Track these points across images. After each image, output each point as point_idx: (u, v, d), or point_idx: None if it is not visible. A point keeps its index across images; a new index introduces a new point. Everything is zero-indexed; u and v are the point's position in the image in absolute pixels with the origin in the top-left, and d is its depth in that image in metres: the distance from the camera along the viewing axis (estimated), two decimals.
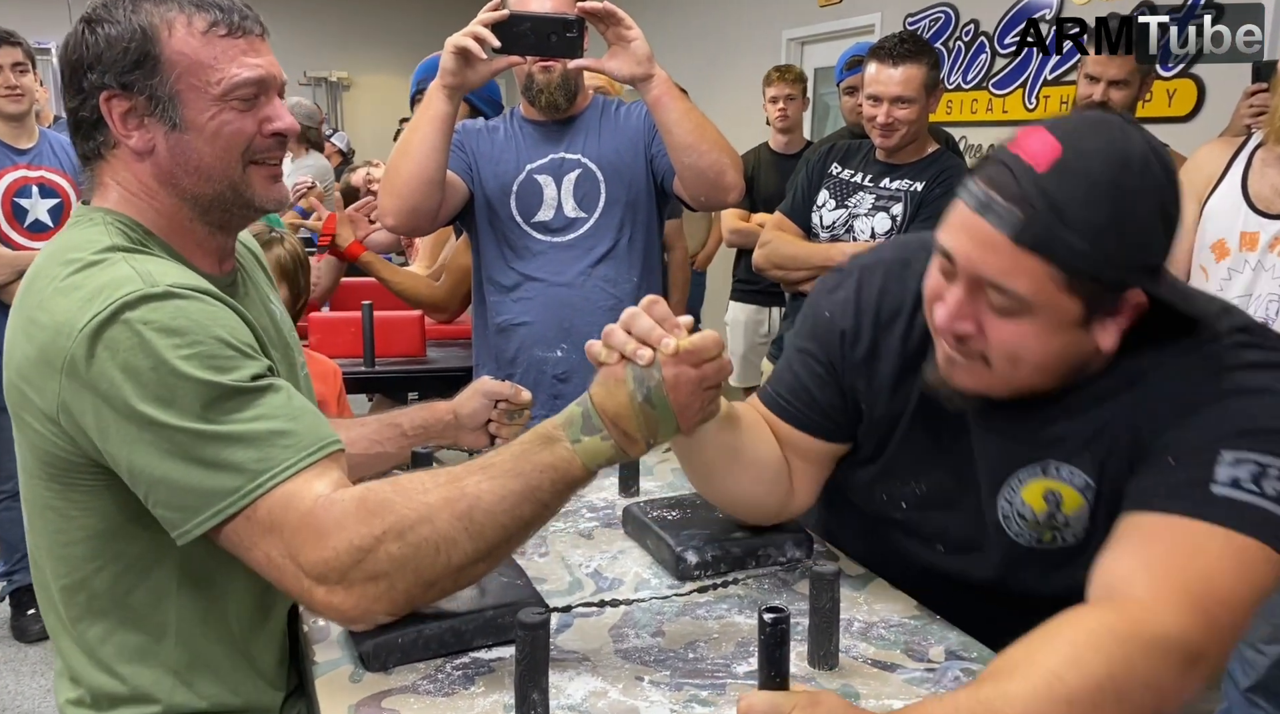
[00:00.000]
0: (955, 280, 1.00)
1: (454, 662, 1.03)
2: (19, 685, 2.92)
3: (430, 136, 1.93)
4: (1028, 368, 1.01)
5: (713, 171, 1.95)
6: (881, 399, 1.20)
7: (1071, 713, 0.81)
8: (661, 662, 1.05)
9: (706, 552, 1.24)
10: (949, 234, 1.00)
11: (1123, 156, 0.93)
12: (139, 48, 1.02)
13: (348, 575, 0.95)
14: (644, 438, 1.02)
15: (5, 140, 2.96)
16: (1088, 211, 0.91)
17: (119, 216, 1.07)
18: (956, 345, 1.02)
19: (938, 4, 5.15)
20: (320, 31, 10.16)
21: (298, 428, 0.98)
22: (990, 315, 0.98)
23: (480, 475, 0.99)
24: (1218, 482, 0.93)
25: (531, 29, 1.82)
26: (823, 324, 1.24)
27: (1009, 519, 1.12)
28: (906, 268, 1.19)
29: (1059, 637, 0.86)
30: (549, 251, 2.11)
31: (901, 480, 1.22)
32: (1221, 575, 0.90)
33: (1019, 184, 0.93)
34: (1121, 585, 0.91)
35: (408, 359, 2.80)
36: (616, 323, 1.03)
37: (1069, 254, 0.92)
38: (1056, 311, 0.96)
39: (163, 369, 0.93)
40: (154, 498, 0.97)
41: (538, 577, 1.22)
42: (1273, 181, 1.93)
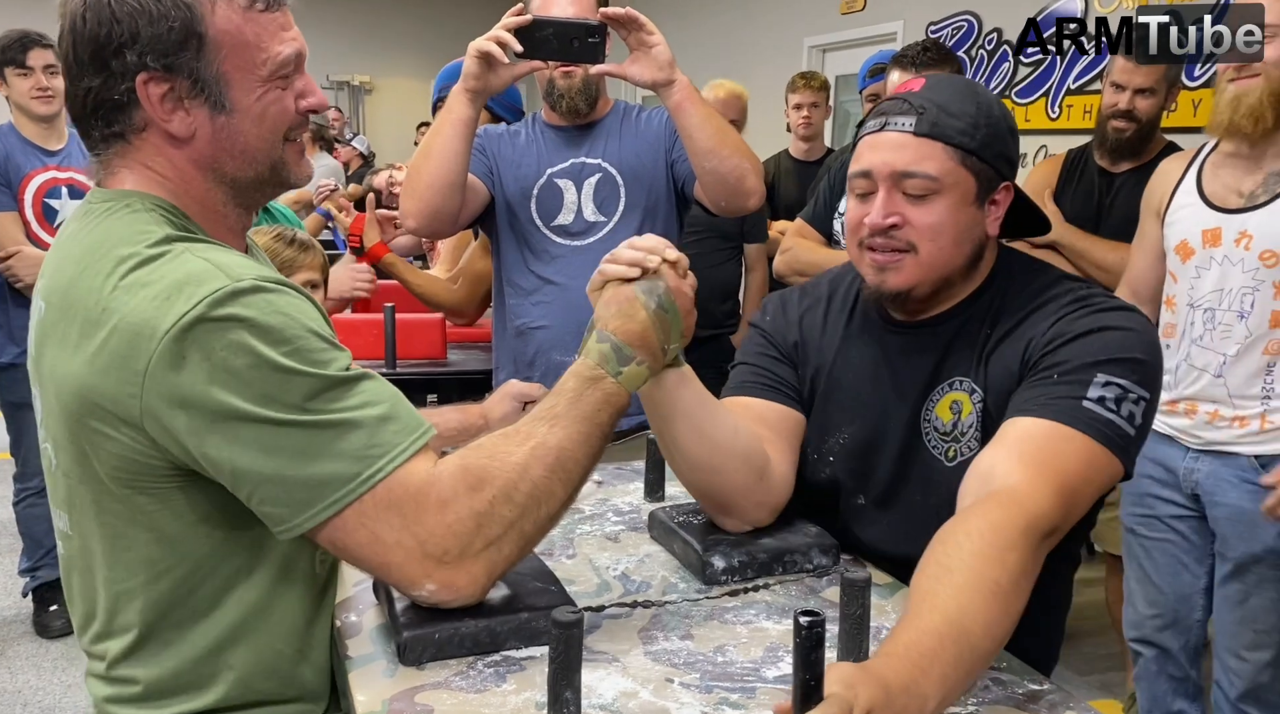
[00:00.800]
0: (874, 193, 1.23)
1: (485, 659, 1.04)
2: (40, 681, 2.95)
3: (452, 140, 1.95)
4: (947, 243, 1.22)
5: (733, 176, 1.96)
6: (812, 363, 1.40)
7: (1007, 610, 0.96)
8: (691, 664, 1.06)
9: (733, 557, 1.25)
10: (860, 160, 1.25)
11: (972, 82, 1.29)
12: (184, 25, 0.95)
13: (470, 545, 0.97)
14: (662, 345, 1.13)
15: (36, 142, 3.00)
16: (961, 105, 1.22)
17: (156, 200, 1.01)
18: (886, 240, 1.23)
19: (960, 12, 5.15)
20: (343, 35, 10.23)
21: (401, 412, 0.98)
22: (909, 206, 1.22)
23: (549, 426, 1.04)
24: (1088, 398, 1.13)
25: (554, 34, 1.83)
26: (763, 331, 1.46)
27: (929, 435, 1.29)
28: (818, 282, 1.49)
29: (980, 539, 0.99)
30: (568, 255, 2.12)
31: (827, 432, 1.37)
32: (1077, 471, 1.09)
33: (906, 101, 1.23)
34: (1001, 476, 1.07)
35: (428, 361, 2.82)
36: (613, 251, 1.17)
37: (957, 134, 1.20)
38: (958, 186, 1.21)
39: (264, 367, 0.90)
40: (260, 495, 0.94)
41: (566, 578, 1.23)
42: (1224, 179, 1.98)
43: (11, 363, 3.03)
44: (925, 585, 0.96)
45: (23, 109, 2.98)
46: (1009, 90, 4.79)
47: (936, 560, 0.98)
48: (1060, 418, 1.12)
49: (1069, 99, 4.46)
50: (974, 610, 0.92)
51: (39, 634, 3.19)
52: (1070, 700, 1.02)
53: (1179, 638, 2.16)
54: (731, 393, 1.41)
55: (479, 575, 1.00)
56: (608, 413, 1.07)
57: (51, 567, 3.21)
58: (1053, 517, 1.05)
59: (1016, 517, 1.01)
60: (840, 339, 1.38)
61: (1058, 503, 1.06)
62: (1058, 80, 4.53)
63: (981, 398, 1.24)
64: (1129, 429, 1.13)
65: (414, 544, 0.96)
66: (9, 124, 3.01)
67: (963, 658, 0.89)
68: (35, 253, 2.95)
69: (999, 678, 1.06)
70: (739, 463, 1.27)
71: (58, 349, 0.96)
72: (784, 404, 1.39)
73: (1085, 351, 1.16)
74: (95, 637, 1.06)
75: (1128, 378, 1.14)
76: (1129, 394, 1.13)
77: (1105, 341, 1.16)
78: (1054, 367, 1.17)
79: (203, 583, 1.01)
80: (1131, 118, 2.57)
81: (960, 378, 1.27)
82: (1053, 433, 1.11)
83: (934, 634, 0.89)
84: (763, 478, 1.30)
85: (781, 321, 1.45)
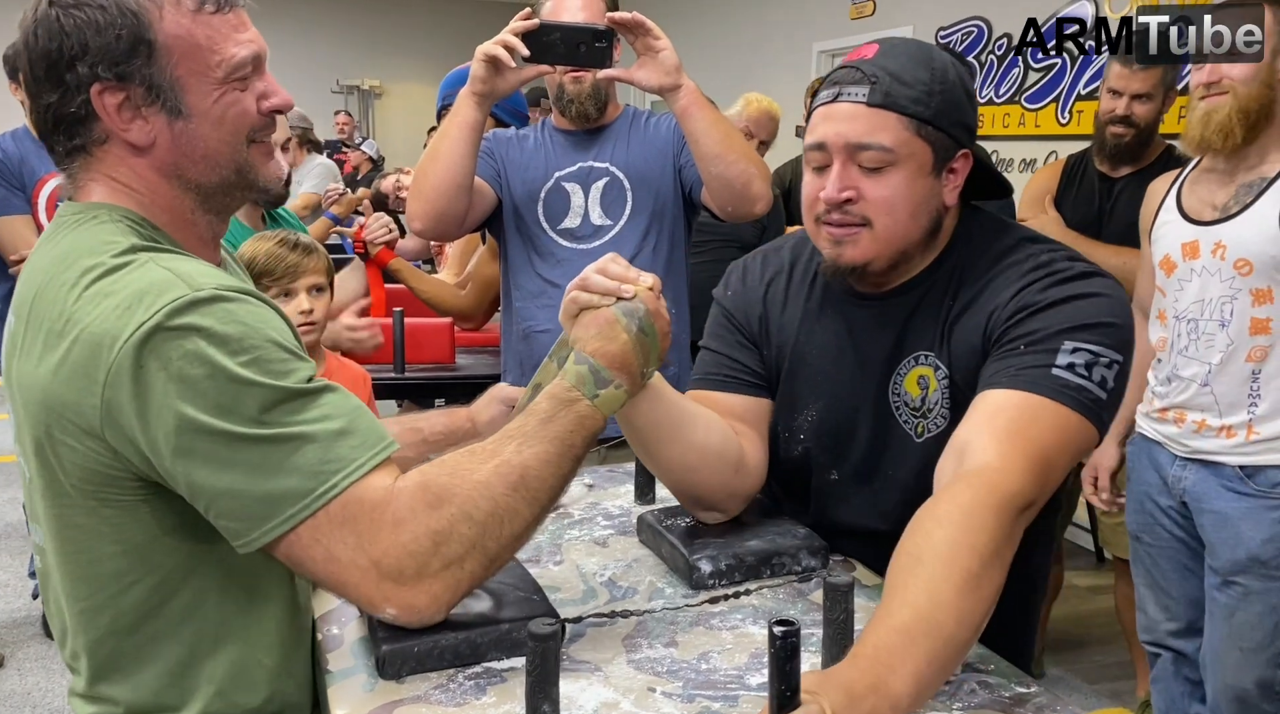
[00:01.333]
0: (829, 166, 1.20)
1: (466, 671, 1.03)
2: (49, 683, 2.97)
3: (459, 142, 1.95)
4: (903, 216, 1.20)
5: (739, 182, 1.96)
6: (775, 341, 1.38)
7: (980, 594, 0.93)
8: (674, 673, 1.05)
9: (721, 560, 1.24)
10: (814, 132, 1.21)
11: (925, 44, 1.24)
12: (131, 33, 0.94)
13: (427, 565, 0.95)
14: (641, 368, 1.11)
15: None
16: (915, 73, 1.18)
17: (124, 212, 1.00)
18: (842, 215, 1.20)
19: (970, 17, 5.12)
20: (352, 40, 10.28)
21: (360, 426, 0.95)
22: (864, 179, 1.19)
23: (517, 445, 1.01)
24: (1057, 366, 1.11)
25: (561, 39, 1.84)
26: (726, 310, 1.43)
27: (900, 410, 1.27)
28: (780, 248, 1.45)
29: (950, 525, 0.97)
30: (574, 258, 2.12)
31: (796, 410, 1.36)
32: (1052, 441, 1.08)
33: (859, 70, 1.19)
34: (975, 452, 1.06)
35: (437, 366, 2.82)
36: (584, 272, 1.16)
37: (911, 103, 1.17)
38: (914, 157, 1.18)
39: (220, 377, 0.89)
40: (216, 510, 0.92)
41: (551, 585, 1.22)
42: (1200, 194, 2.01)
43: None
44: (897, 578, 0.95)
45: None
46: (1019, 95, 4.76)
47: (907, 550, 0.97)
48: (1030, 387, 1.10)
49: (1079, 104, 4.43)
50: (946, 601, 0.90)
51: (47, 635, 3.21)
52: (1058, 703, 1.00)
53: (1193, 641, 2.14)
54: (698, 385, 1.41)
55: (439, 594, 0.97)
56: (580, 436, 1.05)
57: None
58: (1028, 491, 1.03)
59: (988, 496, 1.00)
60: (802, 313, 1.36)
61: (1032, 476, 1.04)
62: (1068, 85, 4.49)
63: (946, 374, 1.23)
64: (1100, 393, 1.11)
65: (368, 563, 0.93)
66: (24, 128, 3.02)
67: (936, 651, 0.87)
68: None
69: (985, 680, 1.04)
70: (714, 460, 1.28)
71: (24, 360, 0.96)
72: (751, 395, 1.38)
73: (1052, 321, 1.14)
74: (72, 653, 1.05)
75: (1097, 343, 1.12)
76: (1100, 358, 1.12)
77: (1072, 310, 1.14)
78: (1020, 337, 1.15)
79: (174, 595, 0.99)
80: (1129, 123, 2.60)
81: (924, 352, 1.25)
82: (1024, 403, 1.09)
83: (903, 632, 0.87)
84: (738, 471, 1.30)
85: (743, 297, 1.42)
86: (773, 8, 6.96)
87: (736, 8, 7.40)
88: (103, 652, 1.01)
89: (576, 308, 1.14)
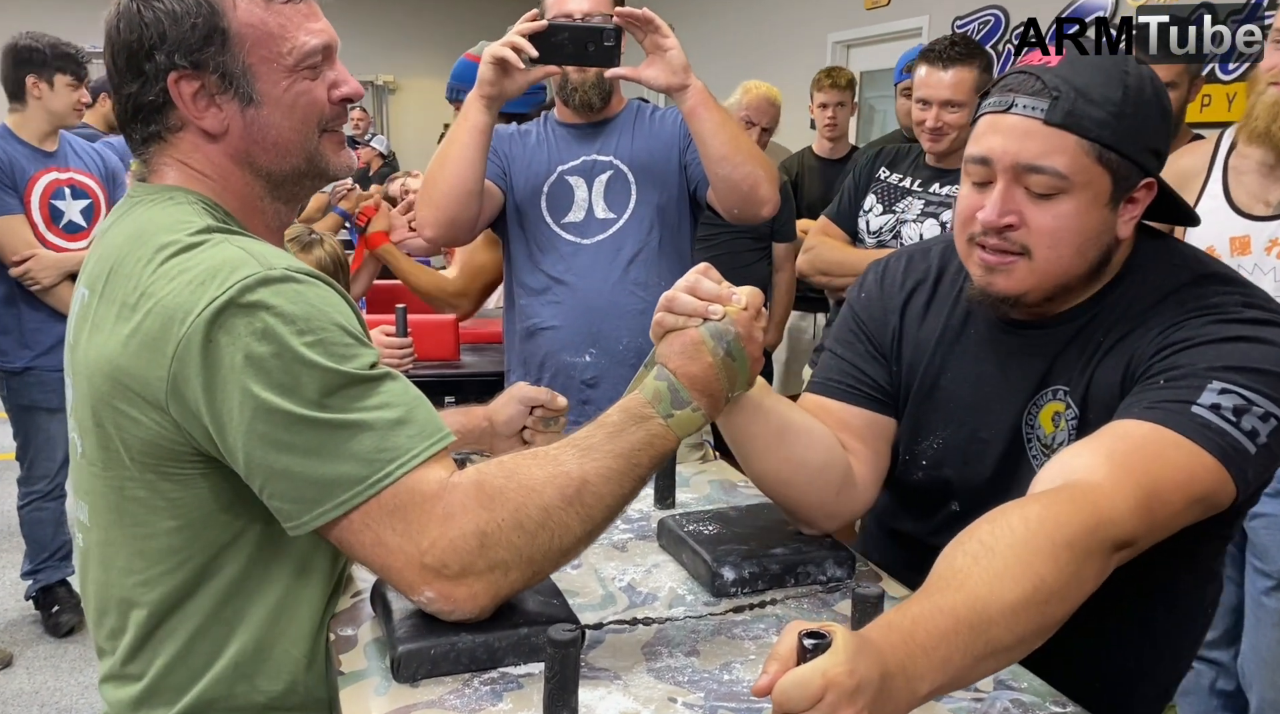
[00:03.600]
0: (992, 183, 1.09)
1: (482, 676, 1.00)
2: (58, 682, 2.95)
3: (468, 147, 1.93)
4: (1068, 251, 1.08)
5: (746, 183, 1.93)
6: (908, 360, 1.28)
7: (1045, 611, 0.84)
8: (695, 683, 1.01)
9: (744, 568, 1.20)
10: (979, 143, 1.10)
11: (1121, 59, 1.09)
12: (207, 22, 0.98)
13: (471, 564, 0.94)
14: (726, 393, 1.05)
15: (37, 144, 3.02)
16: (1105, 89, 1.04)
17: (198, 195, 1.03)
18: (1000, 241, 1.09)
19: (987, 6, 5.07)
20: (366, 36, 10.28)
21: (419, 416, 0.96)
22: (1030, 205, 1.07)
23: (579, 456, 0.99)
24: (1200, 404, 0.99)
25: (569, 39, 1.83)
26: (857, 314, 1.34)
27: (1031, 443, 1.17)
28: (927, 252, 1.33)
29: (1038, 528, 0.87)
30: (578, 253, 2.09)
31: (921, 434, 1.27)
32: (1171, 480, 0.95)
33: (1039, 79, 1.06)
34: (1083, 471, 0.94)
35: (442, 362, 2.79)
36: (672, 289, 1.07)
37: (1095, 126, 1.04)
38: (1091, 186, 1.05)
39: (286, 356, 0.90)
40: (270, 490, 0.93)
41: (570, 590, 1.19)
42: (1249, 186, 1.92)
43: (26, 367, 3.04)
44: (959, 561, 0.85)
45: (55, 115, 2.99)
46: None
47: (979, 538, 0.87)
48: (1163, 421, 0.98)
49: None
50: (1005, 601, 0.82)
51: (50, 633, 3.21)
52: None
53: (1228, 650, 2.09)
54: (817, 391, 1.32)
55: (479, 594, 0.96)
56: (648, 455, 1.01)
57: (52, 570, 3.24)
58: (1129, 526, 0.92)
59: (1086, 515, 0.89)
60: (942, 331, 1.26)
61: (1139, 512, 0.92)
62: None
63: (1077, 414, 1.12)
64: (1247, 444, 0.97)
65: (415, 552, 0.94)
66: (4, 128, 3.00)
67: (975, 647, 0.79)
68: (51, 255, 2.96)
69: (1019, 699, 1.00)
70: (812, 476, 1.21)
71: (94, 332, 0.98)
72: (872, 410, 1.29)
73: (1201, 357, 1.01)
74: (111, 632, 1.06)
75: (1253, 390, 0.98)
76: (1253, 407, 0.98)
77: (1229, 350, 1.01)
78: (1162, 372, 1.03)
79: (219, 572, 1.01)
80: None
81: (1062, 387, 1.14)
82: (1151, 434, 0.97)
83: (950, 614, 0.79)
84: (840, 492, 1.23)
85: (879, 304, 1.31)
86: None
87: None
88: (149, 625, 1.03)
89: (662, 331, 1.07)
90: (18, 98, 2.98)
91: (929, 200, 2.55)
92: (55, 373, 3.00)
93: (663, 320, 1.07)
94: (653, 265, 2.09)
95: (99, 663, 1.11)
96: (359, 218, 2.87)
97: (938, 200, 2.53)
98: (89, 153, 3.16)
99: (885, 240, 2.60)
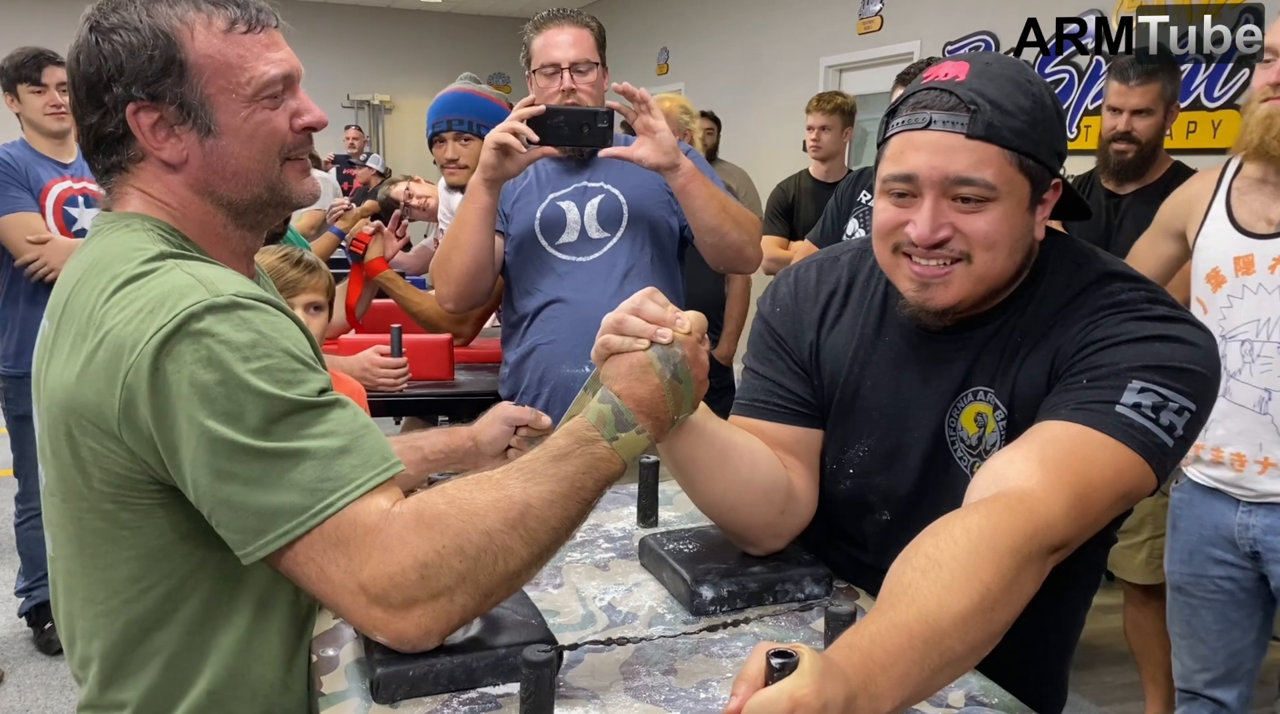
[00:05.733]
0: (919, 199, 1.11)
1: (460, 697, 1.01)
2: (49, 700, 2.95)
3: (477, 230, 2.06)
4: (1003, 253, 1.11)
5: (732, 249, 2.09)
6: (828, 371, 1.30)
7: (991, 618, 0.87)
8: (673, 701, 1.02)
9: (723, 587, 1.21)
10: (901, 160, 1.11)
11: (1018, 63, 1.13)
12: (164, 54, 0.98)
13: (414, 595, 0.93)
14: (672, 415, 1.06)
15: (50, 155, 3.08)
16: (1016, 99, 1.08)
17: (155, 222, 1.03)
18: (934, 254, 1.11)
19: (977, 32, 5.12)
20: (362, 56, 10.34)
21: (364, 445, 0.95)
22: (960, 215, 1.09)
23: (523, 480, 0.98)
24: (1122, 403, 1.03)
25: (565, 121, 1.96)
26: (774, 330, 1.35)
27: (955, 445, 1.20)
28: (837, 260, 1.35)
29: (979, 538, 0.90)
30: (574, 271, 2.14)
31: (847, 443, 1.28)
32: (1101, 480, 1.00)
33: (953, 94, 1.08)
34: (1018, 478, 0.98)
35: (436, 382, 2.81)
36: (617, 311, 1.08)
37: (1014, 136, 1.07)
38: (1015, 192, 1.09)
39: (231, 383, 0.90)
40: (217, 518, 0.93)
41: (550, 609, 1.20)
42: (1252, 205, 1.91)
43: (26, 372, 3.06)
44: (907, 577, 0.88)
45: (35, 125, 3.04)
46: None
47: (925, 552, 0.90)
48: (1090, 422, 1.02)
49: (1086, 119, 4.42)
50: (954, 612, 0.84)
51: (42, 651, 3.21)
52: None
53: (1232, 690, 2.07)
54: (744, 412, 1.33)
55: (428, 625, 0.95)
56: (593, 478, 1.01)
57: (46, 588, 3.22)
58: (1064, 527, 0.96)
59: (1024, 521, 0.93)
60: (859, 339, 1.27)
61: (1073, 513, 0.97)
62: (1075, 100, 4.48)
63: (1006, 415, 1.15)
64: (1166, 439, 1.03)
65: (357, 586, 0.93)
66: (21, 140, 3.07)
67: (930, 660, 0.82)
68: (65, 241, 2.97)
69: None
70: (757, 498, 1.22)
71: (52, 362, 0.99)
72: (801, 425, 1.30)
73: (1121, 357, 1.06)
74: (80, 661, 1.06)
75: (1169, 387, 1.03)
76: (1169, 402, 1.03)
77: (1145, 349, 1.05)
78: (1085, 371, 1.07)
79: (185, 601, 1.01)
80: (1131, 139, 2.59)
81: (984, 388, 1.17)
82: (1079, 436, 1.01)
83: (904, 630, 0.82)
84: (784, 510, 1.24)
85: (794, 318, 1.33)
86: (780, 22, 6.97)
87: (744, 22, 7.41)
88: (114, 655, 1.02)
89: (607, 352, 1.07)
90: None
91: None
92: None
93: (608, 342, 1.07)
94: (647, 280, 2.13)
95: (78, 690, 1.10)
96: (354, 245, 2.88)
97: None
98: None
99: None
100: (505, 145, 1.94)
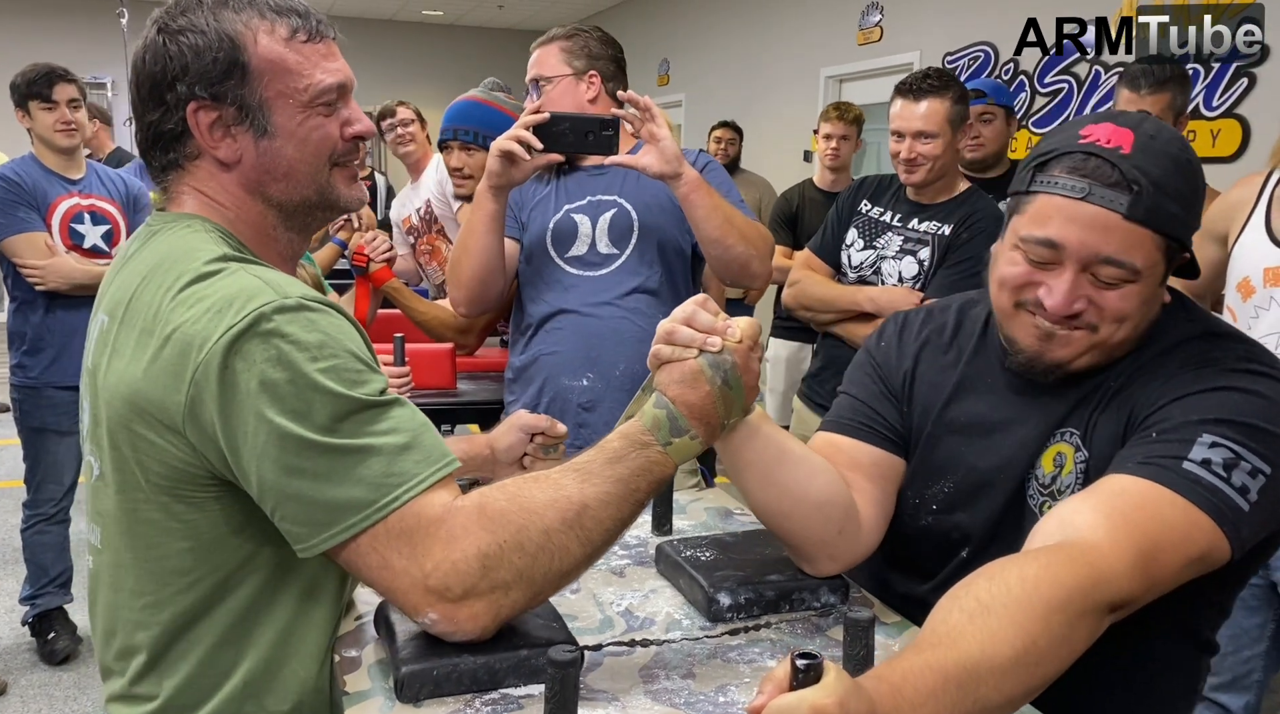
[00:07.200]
0: (1060, 266, 1.09)
1: (483, 697, 1.02)
2: (52, 710, 2.94)
3: (485, 235, 2.09)
4: (1129, 326, 1.10)
5: (737, 263, 2.08)
6: (920, 402, 1.30)
7: (1034, 672, 0.85)
8: (692, 704, 1.03)
9: (740, 594, 1.22)
10: (1049, 225, 1.08)
11: (1179, 137, 1.10)
12: (228, 57, 1.03)
13: (474, 586, 0.96)
14: (723, 420, 1.08)
15: (58, 172, 3.10)
16: (1178, 182, 1.05)
17: (213, 224, 1.07)
18: (1065, 323, 1.10)
19: (977, 43, 5.16)
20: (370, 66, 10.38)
21: (425, 441, 0.99)
22: (1096, 290, 1.08)
23: (580, 480, 1.01)
24: (1191, 459, 1.00)
25: (570, 129, 1.96)
26: (873, 358, 1.37)
27: (1030, 486, 1.18)
28: (946, 307, 1.37)
29: (1034, 589, 0.88)
30: (581, 284, 2.15)
31: (932, 478, 1.27)
32: (1169, 541, 0.96)
33: (1116, 168, 1.04)
34: (1084, 530, 0.96)
35: (439, 391, 2.82)
36: (669, 321, 1.10)
37: (1172, 223, 1.05)
38: (1154, 272, 1.07)
39: (300, 382, 0.93)
40: (281, 512, 0.96)
41: (568, 614, 1.21)
42: None
43: (39, 385, 3.08)
44: (954, 618, 0.87)
45: (46, 141, 3.07)
46: (1026, 120, 4.78)
47: (975, 595, 0.88)
48: (1157, 478, 0.99)
49: None
50: (995, 663, 0.83)
51: (45, 661, 3.20)
52: None
53: (1240, 698, 2.08)
54: (829, 429, 1.33)
55: (481, 615, 0.98)
56: (646, 480, 1.04)
57: (52, 596, 3.24)
58: (1126, 586, 0.93)
59: (1083, 576, 0.90)
60: (957, 379, 1.27)
61: (1137, 572, 0.93)
62: (1075, 110, 4.51)
63: (1085, 458, 1.13)
64: (1240, 501, 0.98)
65: (419, 575, 0.96)
66: (30, 155, 3.10)
67: (962, 705, 0.81)
68: (67, 264, 3.00)
69: None
70: (811, 511, 1.20)
71: (114, 358, 1.01)
72: (883, 448, 1.29)
73: (1192, 409, 1.03)
74: (119, 653, 1.08)
75: (1241, 443, 0.99)
76: (1241, 461, 0.99)
77: (1218, 400, 1.02)
78: (1155, 424, 1.04)
79: (230, 594, 1.03)
80: None
81: (1071, 430, 1.15)
82: (1148, 492, 0.98)
83: (939, 672, 0.81)
84: (842, 531, 1.22)
85: (895, 351, 1.34)
86: (780, 33, 7.01)
87: (744, 33, 7.45)
88: (159, 647, 1.05)
89: (659, 361, 1.10)
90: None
91: (907, 237, 2.57)
92: (66, 394, 3.04)
93: (659, 352, 1.10)
94: (653, 296, 2.14)
95: (104, 684, 1.13)
96: (355, 259, 2.89)
97: (915, 237, 2.56)
98: (112, 180, 3.23)
99: (866, 277, 2.62)
100: (510, 153, 1.96)
